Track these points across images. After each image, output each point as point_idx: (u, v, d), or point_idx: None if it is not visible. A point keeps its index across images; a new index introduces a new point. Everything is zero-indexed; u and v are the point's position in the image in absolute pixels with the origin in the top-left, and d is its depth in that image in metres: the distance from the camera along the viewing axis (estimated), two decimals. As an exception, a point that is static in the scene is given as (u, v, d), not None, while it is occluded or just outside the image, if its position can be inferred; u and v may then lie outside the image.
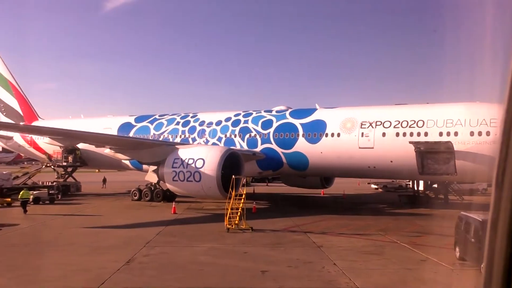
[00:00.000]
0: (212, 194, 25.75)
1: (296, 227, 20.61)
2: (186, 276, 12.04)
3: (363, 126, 27.34)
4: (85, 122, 38.42)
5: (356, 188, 47.02)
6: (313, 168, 29.47)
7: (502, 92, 1.64)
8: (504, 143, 1.62)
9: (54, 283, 11.31)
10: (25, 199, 25.26)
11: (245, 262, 13.85)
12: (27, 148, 40.72)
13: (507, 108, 1.63)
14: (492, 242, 1.60)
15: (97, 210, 27.27)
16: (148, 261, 13.62)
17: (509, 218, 1.56)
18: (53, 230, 19.49)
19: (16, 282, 11.34)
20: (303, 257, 14.32)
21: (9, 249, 15.54)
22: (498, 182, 1.61)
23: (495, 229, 1.59)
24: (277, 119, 30.78)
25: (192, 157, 26.04)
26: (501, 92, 1.64)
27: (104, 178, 45.92)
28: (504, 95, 1.63)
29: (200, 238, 17.95)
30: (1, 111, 43.73)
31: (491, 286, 1.59)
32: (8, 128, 34.97)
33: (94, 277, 11.76)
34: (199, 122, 33.58)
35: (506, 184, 1.59)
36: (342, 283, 11.30)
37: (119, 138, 32.24)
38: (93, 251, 15.23)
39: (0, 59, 43.33)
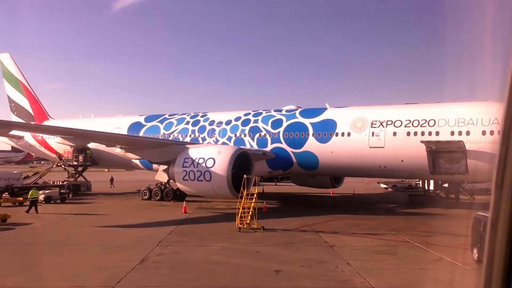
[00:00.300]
0: (223, 193, 25.76)
1: (307, 227, 20.58)
2: (199, 276, 12.05)
3: (374, 126, 27.22)
4: (95, 121, 38.62)
5: (365, 187, 46.85)
6: (323, 167, 29.42)
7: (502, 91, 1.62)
8: (503, 143, 1.61)
9: (70, 282, 11.36)
10: (34, 198, 25.40)
11: (258, 261, 13.85)
12: (37, 147, 41.03)
13: (506, 107, 1.61)
14: (492, 243, 1.59)
15: (108, 210, 27.42)
16: (161, 261, 13.66)
17: (509, 218, 1.55)
18: (65, 230, 19.62)
19: (32, 281, 11.43)
20: (316, 257, 14.28)
21: (23, 248, 15.67)
22: (498, 183, 1.60)
23: (495, 229, 1.58)
24: (287, 119, 30.74)
25: (202, 157, 26.07)
26: (501, 91, 1.63)
27: (112, 177, 46.04)
28: (504, 95, 1.62)
29: (211, 237, 17.97)
30: (12, 110, 44.15)
31: (491, 286, 1.58)
32: (21, 127, 35.17)
33: (109, 276, 11.82)
34: (209, 122, 33.64)
35: (506, 185, 1.57)
36: (357, 282, 11.26)
37: (130, 138, 32.38)
38: (106, 250, 15.31)
39: (11, 59, 43.75)
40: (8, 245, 16.07)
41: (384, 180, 46.13)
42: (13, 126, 33.34)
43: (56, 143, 37.99)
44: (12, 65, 43.78)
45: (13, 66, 43.75)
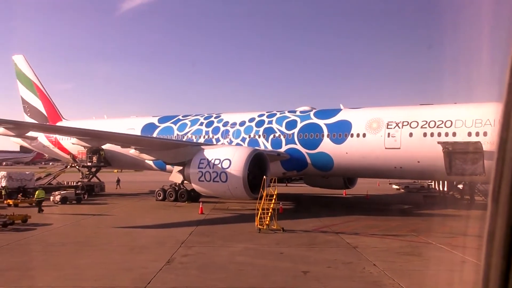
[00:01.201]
0: (238, 194, 25.82)
1: (326, 228, 20.58)
2: (228, 276, 12.10)
3: (390, 127, 27.17)
4: (108, 122, 38.83)
5: (377, 188, 46.75)
6: (338, 168, 29.40)
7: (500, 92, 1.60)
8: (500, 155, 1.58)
9: (101, 282, 11.45)
10: (41, 198, 25.52)
11: (283, 262, 13.89)
12: (51, 148, 41.29)
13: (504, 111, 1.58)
14: (488, 256, 1.58)
15: (124, 210, 27.59)
16: (188, 261, 13.73)
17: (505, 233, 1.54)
18: (86, 230, 19.76)
19: (63, 281, 11.53)
20: (340, 258, 14.30)
21: (49, 248, 15.78)
22: (494, 197, 1.58)
23: (491, 243, 1.57)
24: (302, 120, 30.75)
25: (218, 158, 26.15)
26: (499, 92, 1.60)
27: (118, 178, 45.76)
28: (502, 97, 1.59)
29: (233, 238, 18.04)
30: (25, 111, 44.48)
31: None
32: (40, 129, 35.34)
33: (138, 277, 11.90)
34: (223, 123, 33.72)
35: (502, 199, 1.55)
36: (387, 284, 11.27)
37: (147, 139, 32.49)
38: (131, 251, 15.41)
39: (24, 61, 44.09)
40: (34, 245, 16.20)
41: (396, 181, 46.03)
42: (31, 127, 33.53)
43: (70, 144, 38.27)
44: (25, 66, 44.11)
45: (27, 68, 44.07)
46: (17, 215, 21.26)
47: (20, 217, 20.97)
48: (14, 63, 44.61)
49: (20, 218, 20.93)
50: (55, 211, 26.54)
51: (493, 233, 1.56)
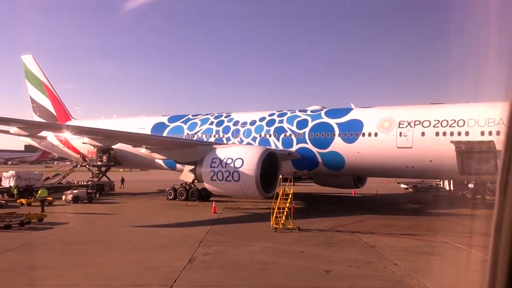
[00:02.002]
0: (251, 193, 25.88)
1: (341, 227, 20.62)
2: (253, 275, 12.16)
3: (401, 126, 27.18)
4: (118, 122, 38.92)
5: (384, 188, 46.74)
6: (349, 167, 29.43)
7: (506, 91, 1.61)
8: (508, 146, 1.60)
9: (128, 280, 11.53)
10: (43, 197, 25.60)
11: (305, 261, 13.93)
12: (61, 148, 41.46)
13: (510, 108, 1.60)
14: (496, 245, 1.60)
15: (137, 209, 27.71)
16: (210, 260, 13.80)
17: None
18: (103, 229, 19.84)
19: (91, 279, 11.60)
20: (360, 257, 14.34)
21: (69, 247, 15.87)
22: (502, 186, 1.59)
23: (499, 232, 1.59)
24: (313, 119, 30.78)
25: (230, 157, 26.21)
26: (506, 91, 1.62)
27: (122, 178, 45.53)
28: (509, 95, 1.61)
29: (250, 237, 18.10)
30: (34, 111, 44.67)
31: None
32: (50, 128, 35.38)
33: (163, 276, 11.98)
34: (233, 122, 33.78)
35: (510, 188, 1.57)
36: (412, 283, 11.31)
37: (160, 138, 32.60)
38: (151, 250, 15.48)
39: (34, 61, 44.26)
40: (53, 244, 16.29)
41: (404, 180, 46.02)
42: (44, 127, 33.62)
43: (80, 143, 38.38)
44: (34, 66, 44.28)
45: (36, 67, 44.25)
46: (33, 214, 21.42)
47: (36, 216, 21.11)
48: (23, 63, 44.80)
49: (36, 217, 21.06)
50: (68, 210, 26.67)
51: (500, 222, 1.59)
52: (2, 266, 12.84)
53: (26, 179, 34.20)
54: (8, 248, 15.19)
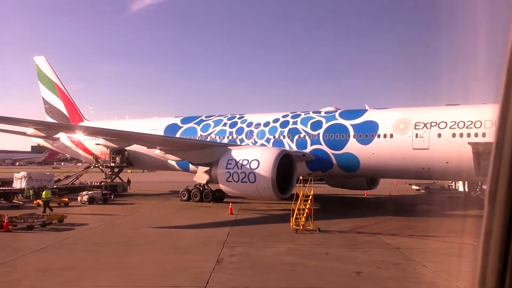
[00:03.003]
0: (267, 195, 25.94)
1: (361, 229, 20.62)
2: (283, 276, 12.19)
3: (417, 127, 27.15)
4: (131, 123, 39.10)
5: (396, 189, 46.62)
6: (364, 169, 29.41)
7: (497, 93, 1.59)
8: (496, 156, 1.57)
9: (160, 281, 11.59)
10: (48, 199, 25.63)
11: (332, 263, 13.96)
12: (73, 149, 41.66)
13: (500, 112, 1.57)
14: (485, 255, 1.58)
15: (153, 210, 27.81)
16: (237, 261, 13.84)
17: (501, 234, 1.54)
18: (124, 230, 19.92)
19: (123, 280, 11.66)
20: (387, 259, 14.33)
21: (94, 248, 15.94)
22: (491, 198, 1.57)
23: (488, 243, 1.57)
24: (327, 120, 30.79)
25: (246, 158, 26.28)
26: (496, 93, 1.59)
27: (128, 179, 45.30)
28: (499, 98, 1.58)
29: (272, 238, 18.13)
30: (47, 112, 44.91)
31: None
32: (68, 129, 35.50)
33: (195, 277, 12.03)
34: (247, 123, 33.84)
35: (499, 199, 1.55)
36: (445, 285, 11.31)
37: (176, 140, 32.65)
38: (177, 251, 15.54)
39: (46, 62, 44.52)
40: (78, 245, 16.38)
41: (416, 182, 45.95)
42: (62, 129, 33.72)
43: (93, 145, 38.62)
44: (47, 67, 44.53)
45: (48, 69, 44.49)
46: (54, 215, 21.58)
47: (57, 217, 21.24)
48: (36, 64, 45.08)
49: (57, 218, 21.18)
50: (85, 211, 26.76)
51: (489, 233, 1.57)
52: (34, 267, 12.94)
53: (38, 180, 34.19)
54: (36, 249, 15.29)
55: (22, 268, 12.78)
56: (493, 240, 1.56)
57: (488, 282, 1.57)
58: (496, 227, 1.55)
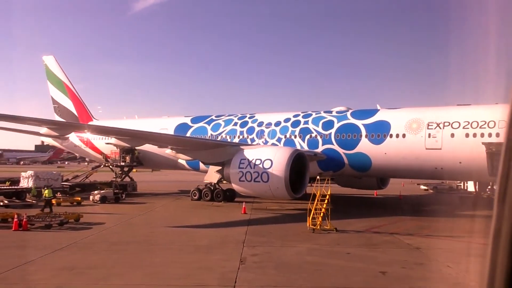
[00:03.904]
0: (280, 194, 25.97)
1: (376, 228, 20.65)
2: (310, 276, 12.22)
3: (430, 127, 27.15)
4: (140, 122, 39.11)
5: (404, 189, 46.53)
6: (376, 169, 29.41)
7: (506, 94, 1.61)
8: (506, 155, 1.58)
9: (187, 280, 11.63)
10: (49, 198, 25.66)
11: (355, 262, 13.98)
12: (83, 148, 41.74)
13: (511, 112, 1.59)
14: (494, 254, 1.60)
15: (165, 210, 27.87)
16: (260, 261, 13.88)
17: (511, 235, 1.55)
18: (141, 229, 19.96)
19: (151, 279, 11.70)
20: (410, 259, 14.35)
21: (116, 247, 15.98)
22: (500, 197, 1.58)
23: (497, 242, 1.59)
24: (338, 120, 30.79)
25: (259, 158, 26.30)
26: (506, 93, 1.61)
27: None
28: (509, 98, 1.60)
29: (290, 238, 18.18)
30: (56, 111, 44.99)
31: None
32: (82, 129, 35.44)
33: (221, 276, 12.07)
34: (258, 123, 33.86)
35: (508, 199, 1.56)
36: (472, 285, 11.33)
37: (188, 139, 32.66)
38: (198, 250, 15.59)
39: (55, 62, 44.59)
40: (99, 244, 16.41)
41: (423, 182, 45.93)
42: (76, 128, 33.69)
43: (103, 144, 38.72)
44: (56, 67, 44.61)
45: (57, 68, 44.58)
46: (71, 214, 21.62)
47: (73, 216, 21.31)
48: (44, 64, 45.16)
49: (74, 217, 21.26)
50: (99, 210, 26.80)
51: (498, 233, 1.59)
52: (60, 265, 12.99)
53: (45, 179, 34.16)
54: (58, 248, 15.36)
55: (48, 267, 12.83)
56: (502, 239, 1.57)
57: (497, 281, 1.59)
58: (505, 226, 1.57)
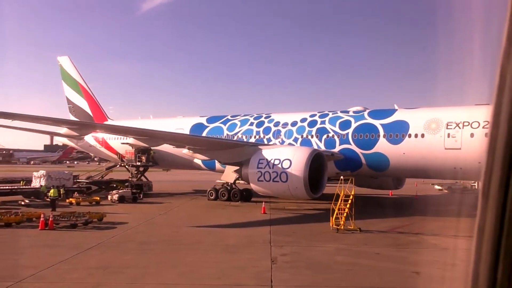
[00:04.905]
0: (299, 194, 25.99)
1: (400, 228, 20.62)
2: (345, 276, 12.23)
3: (449, 127, 27.03)
4: (156, 122, 39.22)
5: (416, 189, 46.32)
6: (394, 169, 29.33)
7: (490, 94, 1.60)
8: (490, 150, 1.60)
9: (222, 280, 11.67)
10: (55, 197, 25.70)
11: (386, 262, 13.98)
12: (98, 148, 41.97)
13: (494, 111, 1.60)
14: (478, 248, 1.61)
15: (184, 209, 27.94)
16: (291, 261, 13.91)
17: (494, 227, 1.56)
18: (166, 229, 20.02)
19: (186, 279, 11.75)
20: (440, 259, 14.29)
21: (144, 246, 16.05)
22: (485, 192, 1.60)
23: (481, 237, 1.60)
24: (356, 120, 30.74)
25: (278, 158, 26.36)
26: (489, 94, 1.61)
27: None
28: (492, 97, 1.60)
29: (315, 238, 18.19)
30: (70, 111, 45.30)
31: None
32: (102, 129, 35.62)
33: (255, 276, 12.11)
34: (274, 123, 33.89)
35: (492, 194, 1.58)
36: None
37: (209, 140, 32.65)
38: (226, 250, 15.62)
39: (70, 62, 44.88)
40: (127, 243, 16.50)
41: (438, 181, 45.70)
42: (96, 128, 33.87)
43: (118, 144, 38.96)
44: (71, 67, 44.90)
45: (72, 69, 44.86)
46: (95, 213, 21.76)
47: (97, 216, 21.46)
48: (59, 64, 45.48)
49: (97, 217, 21.40)
50: (119, 210, 26.87)
51: (483, 227, 1.60)
52: (93, 264, 13.10)
53: (57, 179, 34.19)
54: (87, 247, 15.46)
55: (82, 266, 12.94)
56: (486, 233, 1.59)
57: (481, 274, 1.60)
58: (489, 220, 1.59)
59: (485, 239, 1.61)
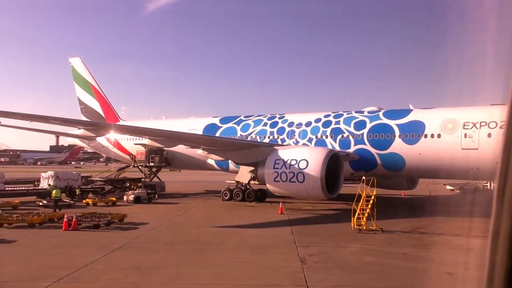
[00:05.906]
0: (316, 195, 26.01)
1: (421, 229, 20.63)
2: (377, 276, 12.25)
3: (466, 127, 26.98)
4: (168, 123, 39.30)
5: (428, 189, 46.22)
6: (410, 169, 29.30)
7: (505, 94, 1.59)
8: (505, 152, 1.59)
9: (256, 280, 11.71)
10: (57, 198, 25.79)
11: (416, 263, 14.00)
12: (110, 148, 42.13)
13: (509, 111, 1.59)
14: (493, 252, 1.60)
15: (201, 210, 28.01)
16: (320, 261, 13.95)
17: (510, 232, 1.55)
18: (188, 229, 20.06)
19: (221, 279, 11.81)
20: (469, 260, 14.26)
21: (171, 247, 16.09)
22: (499, 194, 1.58)
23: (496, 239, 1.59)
24: (371, 120, 30.72)
25: (294, 158, 26.40)
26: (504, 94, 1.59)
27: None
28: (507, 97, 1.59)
29: (339, 238, 18.22)
30: (82, 112, 45.50)
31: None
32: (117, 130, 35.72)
33: (289, 276, 12.17)
34: (288, 123, 33.92)
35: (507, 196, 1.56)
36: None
37: (225, 140, 32.71)
38: (253, 251, 15.66)
39: (82, 63, 45.07)
40: (153, 244, 16.56)
41: (449, 182, 45.64)
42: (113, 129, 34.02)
43: (131, 144, 39.10)
44: (82, 68, 45.09)
45: (84, 70, 45.06)
46: (116, 214, 21.86)
47: (118, 217, 21.55)
48: (71, 65, 45.67)
49: (118, 218, 21.49)
50: (136, 210, 26.95)
51: (497, 231, 1.59)
52: (126, 265, 13.17)
53: (65, 180, 34.15)
54: (115, 247, 15.54)
55: (115, 266, 13.02)
56: (501, 236, 1.59)
57: (496, 279, 1.60)
58: (504, 224, 1.58)
59: (500, 242, 1.61)
